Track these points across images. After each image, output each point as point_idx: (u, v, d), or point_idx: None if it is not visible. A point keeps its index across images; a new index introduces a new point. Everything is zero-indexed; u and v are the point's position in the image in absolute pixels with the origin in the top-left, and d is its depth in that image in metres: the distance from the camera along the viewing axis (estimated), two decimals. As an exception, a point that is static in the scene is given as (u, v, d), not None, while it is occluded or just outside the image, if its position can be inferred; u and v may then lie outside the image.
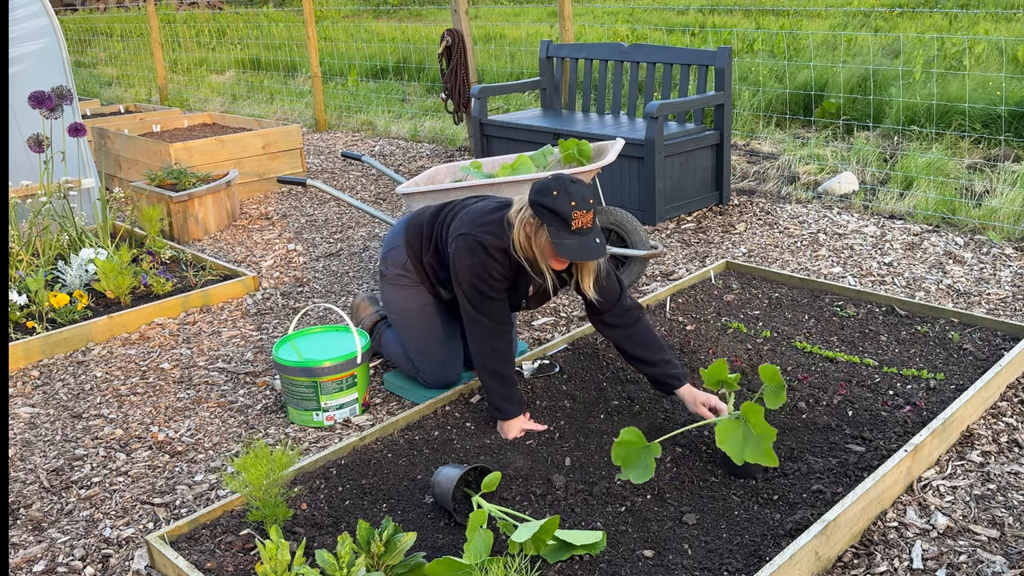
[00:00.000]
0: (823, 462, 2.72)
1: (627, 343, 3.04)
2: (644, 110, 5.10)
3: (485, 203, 3.12)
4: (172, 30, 15.46)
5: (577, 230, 2.75)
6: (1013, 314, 3.90)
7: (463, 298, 3.00)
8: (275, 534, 2.22)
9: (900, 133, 6.80)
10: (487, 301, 2.96)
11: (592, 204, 2.77)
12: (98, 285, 4.43)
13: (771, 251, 4.85)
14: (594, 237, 2.79)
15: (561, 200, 2.73)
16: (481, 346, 3.00)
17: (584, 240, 2.77)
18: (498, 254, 2.93)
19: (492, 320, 2.98)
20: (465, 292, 2.98)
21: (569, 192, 2.74)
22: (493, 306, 2.97)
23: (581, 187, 2.78)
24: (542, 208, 2.76)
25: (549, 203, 2.74)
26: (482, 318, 2.97)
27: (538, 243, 2.85)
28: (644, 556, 2.36)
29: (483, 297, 2.95)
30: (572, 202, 2.73)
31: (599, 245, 2.80)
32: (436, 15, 17.49)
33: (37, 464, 3.12)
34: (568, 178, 2.79)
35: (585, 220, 2.75)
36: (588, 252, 2.77)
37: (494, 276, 2.94)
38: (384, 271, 3.35)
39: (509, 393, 3.01)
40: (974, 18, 11.11)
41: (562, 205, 2.73)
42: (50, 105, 4.69)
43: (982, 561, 2.35)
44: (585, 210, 2.74)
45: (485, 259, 2.92)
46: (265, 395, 3.55)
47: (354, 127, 9.13)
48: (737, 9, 13.83)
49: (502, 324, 3.00)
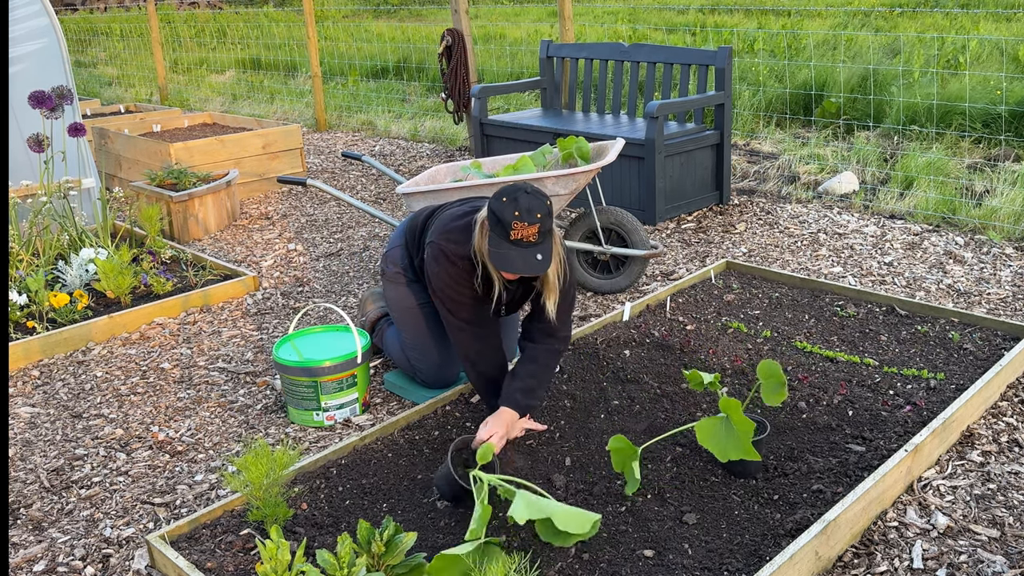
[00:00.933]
0: (823, 462, 2.72)
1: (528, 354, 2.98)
2: (644, 110, 5.10)
3: (457, 209, 3.08)
4: (172, 30, 15.47)
5: (515, 241, 2.63)
6: (1013, 314, 3.90)
7: (439, 304, 2.98)
8: (275, 534, 2.22)
9: (900, 133, 6.80)
10: (460, 306, 2.93)
11: (540, 218, 2.63)
12: (98, 285, 4.43)
13: (771, 251, 4.85)
14: (535, 253, 2.65)
15: (507, 208, 2.63)
16: (465, 351, 2.99)
17: (523, 253, 2.65)
18: (461, 261, 2.88)
19: (471, 324, 2.95)
20: (439, 298, 2.96)
21: (517, 201, 2.63)
22: (468, 310, 2.94)
23: (534, 199, 2.64)
24: (491, 212, 2.68)
25: (497, 208, 2.65)
26: (460, 323, 2.95)
27: (486, 250, 2.75)
28: (644, 556, 2.36)
29: (456, 303, 2.93)
30: (516, 212, 2.62)
31: (538, 262, 2.66)
32: (436, 15, 17.49)
33: (37, 464, 3.12)
34: (524, 187, 2.68)
35: (526, 233, 2.62)
36: (519, 266, 2.65)
37: (460, 283, 2.90)
38: (384, 269, 3.37)
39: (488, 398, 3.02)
40: (974, 18, 11.11)
41: (506, 213, 2.62)
42: (50, 105, 4.69)
43: (982, 561, 2.35)
44: (528, 223, 2.61)
45: (448, 267, 2.89)
46: (265, 395, 3.55)
47: (354, 127, 9.13)
48: (737, 9, 13.83)
49: (482, 327, 2.96)
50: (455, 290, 2.91)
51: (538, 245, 2.67)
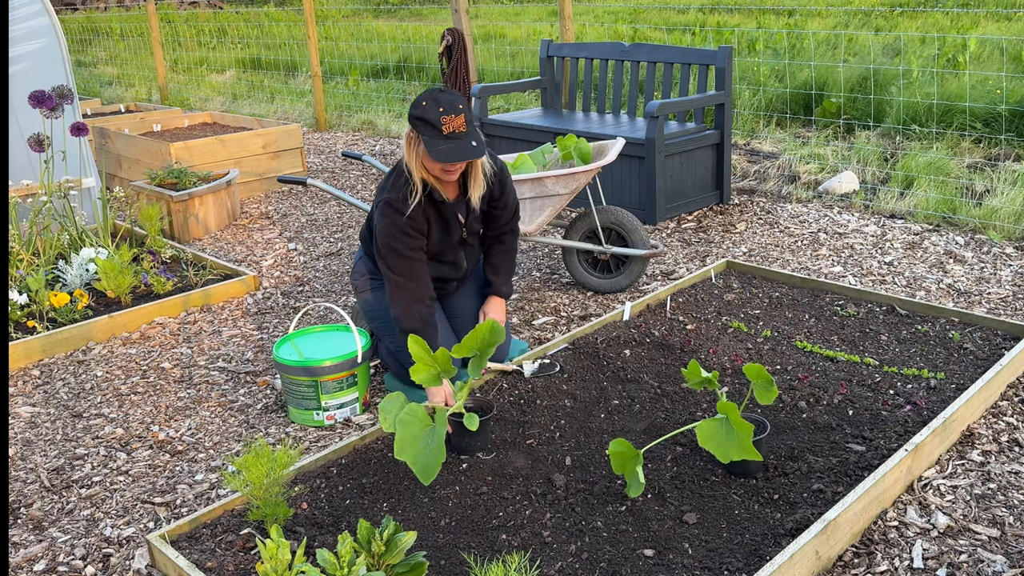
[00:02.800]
0: (823, 461, 2.72)
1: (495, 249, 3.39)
2: (644, 109, 5.10)
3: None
4: (173, 29, 15.47)
5: (449, 135, 2.88)
6: (1013, 313, 3.90)
7: (381, 263, 3.12)
8: (276, 533, 2.22)
9: (901, 132, 6.80)
10: (402, 260, 3.06)
11: (462, 109, 2.90)
12: (99, 284, 4.43)
13: (771, 250, 4.85)
14: (469, 141, 2.92)
15: (430, 109, 2.88)
16: (399, 308, 3.08)
17: (458, 144, 2.90)
18: (402, 205, 3.05)
19: (411, 281, 3.08)
20: (383, 255, 3.09)
21: (437, 100, 2.89)
22: (408, 265, 3.08)
23: (450, 95, 2.92)
24: (415, 120, 2.92)
25: (420, 113, 2.89)
26: (400, 279, 3.07)
27: (420, 155, 2.99)
28: (644, 556, 2.36)
29: (398, 256, 3.06)
30: (440, 108, 2.87)
31: (475, 148, 2.92)
32: (436, 14, 17.50)
33: (38, 463, 3.12)
34: (437, 88, 2.97)
35: (456, 124, 2.88)
36: (461, 154, 2.90)
37: (406, 231, 3.05)
38: (355, 284, 3.48)
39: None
40: (975, 17, 11.11)
41: (431, 113, 2.87)
42: (50, 104, 4.69)
43: (982, 560, 2.35)
44: (454, 114, 2.87)
45: (394, 216, 3.05)
46: (265, 394, 3.55)
47: (354, 126, 9.13)
48: (737, 8, 13.83)
49: (419, 285, 3.09)
50: (399, 240, 3.05)
51: (469, 134, 2.93)
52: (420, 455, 2.47)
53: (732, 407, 2.52)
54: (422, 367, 2.67)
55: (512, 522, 2.52)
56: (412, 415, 2.51)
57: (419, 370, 2.67)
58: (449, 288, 3.42)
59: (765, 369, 2.68)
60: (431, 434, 2.50)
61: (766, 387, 2.69)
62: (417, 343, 2.66)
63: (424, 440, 2.49)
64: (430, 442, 2.48)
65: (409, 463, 2.46)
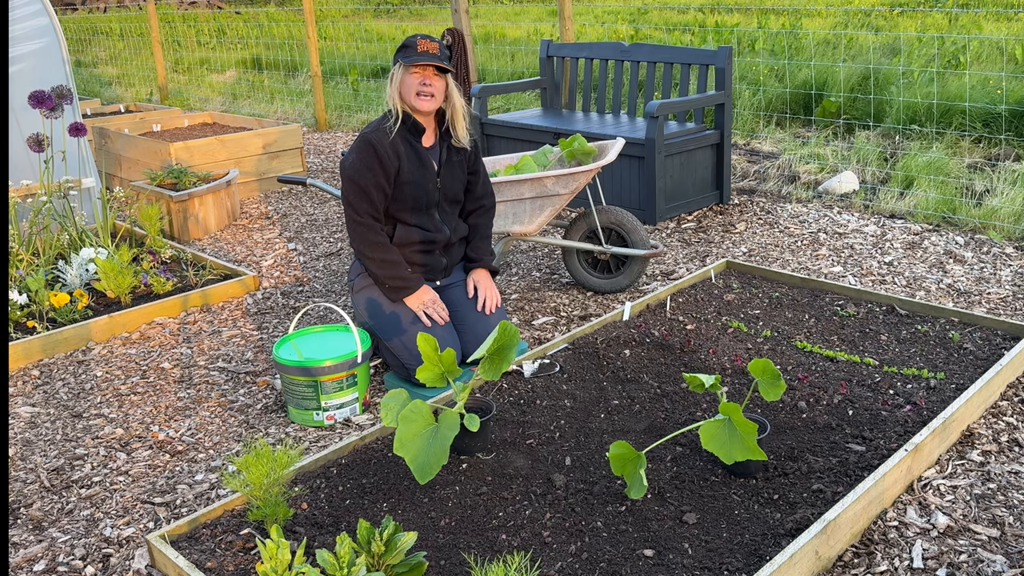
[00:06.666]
0: (823, 461, 2.72)
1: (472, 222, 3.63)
2: (644, 109, 5.10)
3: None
4: (172, 29, 15.47)
5: (422, 53, 3.26)
6: (1013, 313, 3.90)
7: (345, 202, 3.36)
8: (276, 534, 2.22)
9: (900, 132, 6.80)
10: (363, 196, 3.31)
11: (438, 43, 3.31)
12: (98, 285, 4.43)
13: (771, 250, 4.85)
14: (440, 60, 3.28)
15: (409, 41, 3.31)
16: (363, 244, 3.35)
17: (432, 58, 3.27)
18: (378, 141, 3.31)
19: (371, 217, 3.33)
20: (345, 191, 3.34)
21: (415, 36, 3.31)
22: (369, 201, 3.32)
23: (432, 38, 3.31)
24: (397, 54, 3.32)
25: (401, 48, 3.33)
26: (362, 217, 3.32)
27: (398, 84, 3.32)
28: (644, 556, 2.36)
29: (360, 192, 3.30)
30: (418, 37, 3.29)
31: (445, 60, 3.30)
32: (436, 14, 17.50)
33: (37, 463, 3.12)
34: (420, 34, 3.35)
35: (430, 46, 3.28)
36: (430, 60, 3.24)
37: (371, 168, 3.29)
38: (352, 284, 3.58)
39: (403, 273, 3.38)
40: (975, 17, 11.11)
41: (409, 42, 3.31)
42: (50, 105, 4.69)
43: (982, 560, 2.35)
44: (430, 40, 3.29)
45: (369, 152, 3.30)
46: (265, 395, 3.55)
47: (355, 126, 9.13)
48: (737, 8, 13.83)
49: (377, 220, 3.36)
50: (364, 175, 3.29)
51: (441, 59, 3.29)
52: (419, 453, 2.47)
53: (735, 408, 2.51)
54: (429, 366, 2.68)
55: (512, 522, 2.52)
56: (415, 412, 2.51)
57: (426, 369, 2.68)
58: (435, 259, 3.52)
59: (772, 363, 2.67)
60: (433, 433, 2.50)
61: (772, 382, 2.68)
62: (426, 342, 2.67)
63: (425, 438, 2.49)
64: (431, 441, 2.48)
65: (407, 460, 2.46)
